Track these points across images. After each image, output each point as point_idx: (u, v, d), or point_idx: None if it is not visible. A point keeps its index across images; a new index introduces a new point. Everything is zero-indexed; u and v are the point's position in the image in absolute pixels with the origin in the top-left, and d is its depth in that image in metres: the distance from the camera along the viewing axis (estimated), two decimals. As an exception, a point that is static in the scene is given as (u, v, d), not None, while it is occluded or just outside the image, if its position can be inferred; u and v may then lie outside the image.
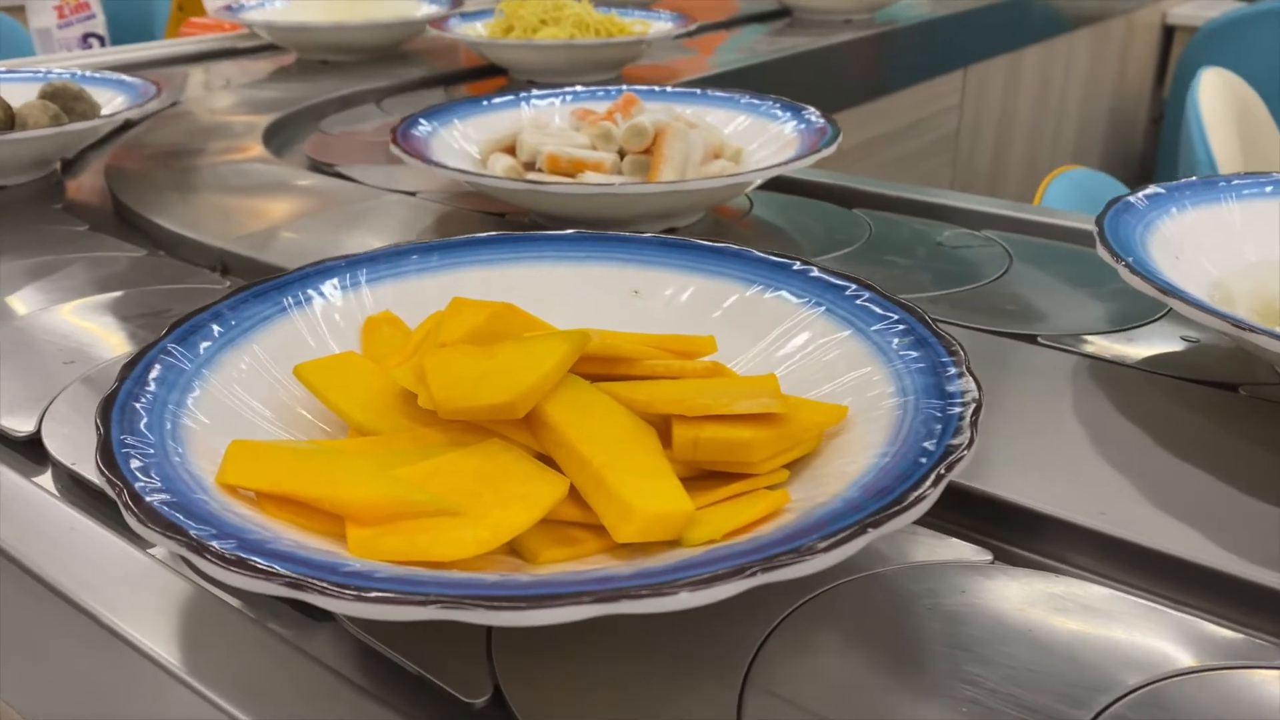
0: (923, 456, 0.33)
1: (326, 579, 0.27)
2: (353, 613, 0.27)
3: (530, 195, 0.64)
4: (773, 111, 0.78)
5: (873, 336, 0.41)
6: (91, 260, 0.65)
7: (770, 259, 0.46)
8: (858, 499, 0.32)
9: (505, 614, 0.27)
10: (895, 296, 0.43)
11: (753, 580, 0.28)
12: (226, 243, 0.66)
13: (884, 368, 0.40)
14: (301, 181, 0.80)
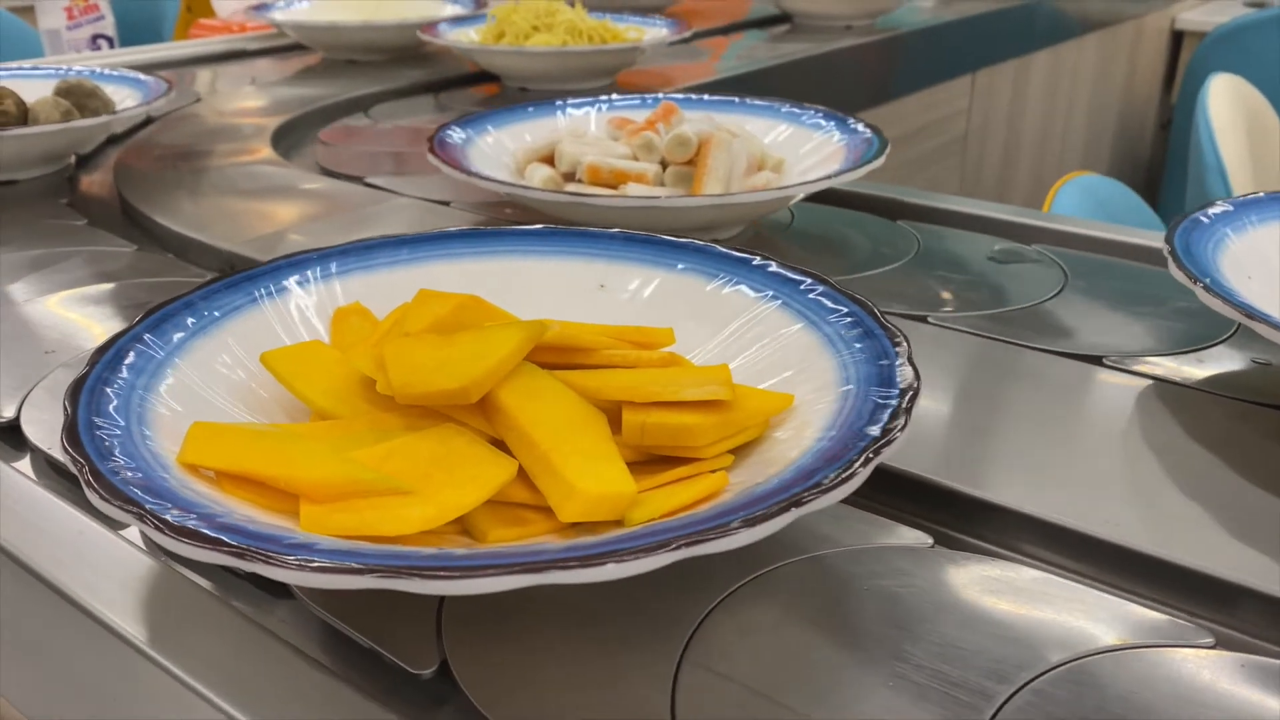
0: (857, 440, 0.34)
1: (271, 549, 0.29)
2: (294, 581, 0.29)
3: (573, 208, 0.63)
4: (815, 121, 0.76)
5: (824, 328, 0.42)
6: (83, 254, 0.66)
7: (732, 254, 0.48)
8: (790, 480, 0.33)
9: (439, 583, 0.28)
10: (847, 290, 0.44)
11: (675, 554, 0.29)
12: (235, 245, 0.67)
13: (832, 358, 0.41)
14: (309, 185, 0.81)
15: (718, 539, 0.29)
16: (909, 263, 0.66)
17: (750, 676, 0.33)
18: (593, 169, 0.69)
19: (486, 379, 0.37)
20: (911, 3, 1.72)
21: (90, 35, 1.68)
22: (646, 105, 0.79)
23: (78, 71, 0.96)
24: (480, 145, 0.73)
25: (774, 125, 0.78)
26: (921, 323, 0.56)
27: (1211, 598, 0.37)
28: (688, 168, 0.69)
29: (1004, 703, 0.32)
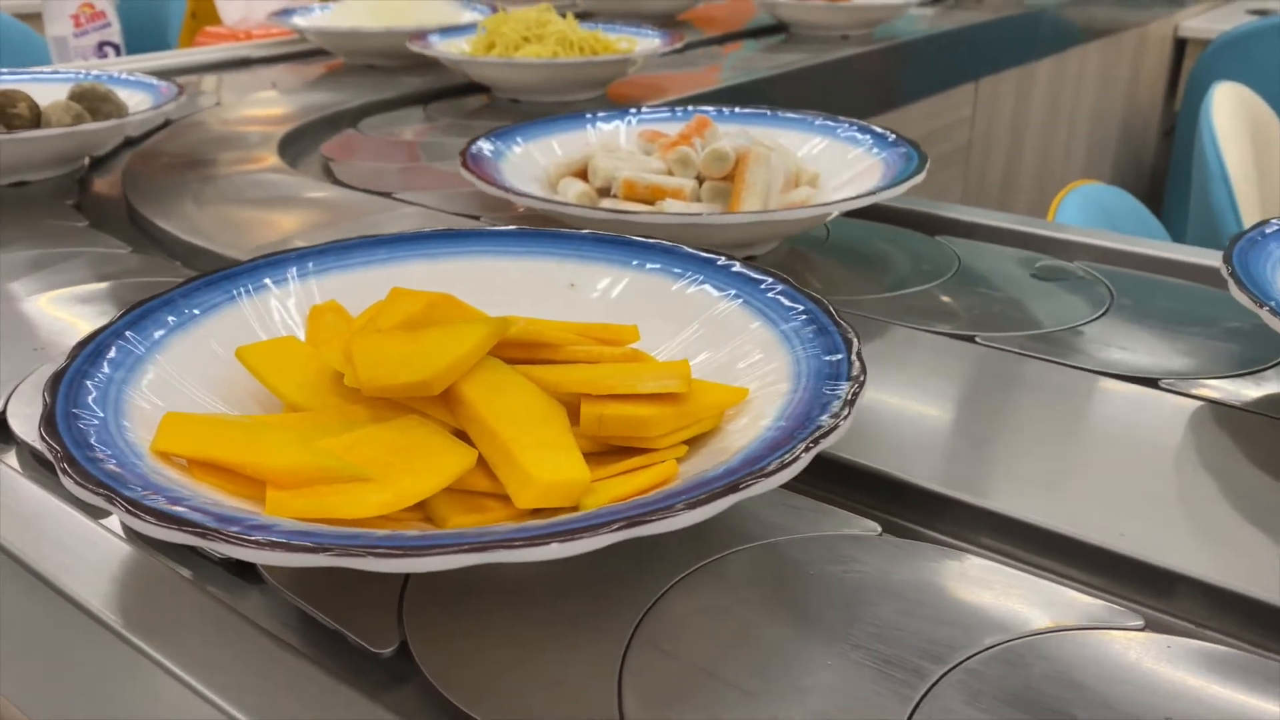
0: (801, 430, 0.36)
1: (232, 530, 0.30)
2: (253, 559, 0.30)
3: (612, 224, 0.60)
4: (851, 134, 0.75)
5: (781, 326, 0.44)
6: (79, 255, 0.68)
7: (697, 255, 0.49)
8: (734, 467, 0.34)
9: (390, 561, 0.29)
10: (804, 289, 0.46)
11: (616, 535, 0.30)
12: (238, 252, 0.68)
13: (787, 354, 0.42)
14: (315, 193, 0.83)
15: (657, 520, 0.31)
16: (951, 280, 0.65)
17: (695, 654, 0.34)
18: (628, 184, 0.68)
19: (449, 372, 0.38)
20: (908, 13, 1.72)
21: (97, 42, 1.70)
22: (677, 118, 0.79)
23: (95, 76, 0.98)
24: (511, 159, 0.73)
25: (808, 138, 0.77)
26: (969, 342, 0.56)
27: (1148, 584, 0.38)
28: (724, 183, 0.68)
29: (936, 680, 0.33)
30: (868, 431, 0.46)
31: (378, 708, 0.33)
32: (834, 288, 0.64)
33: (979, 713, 0.32)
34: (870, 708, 0.32)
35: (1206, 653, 0.34)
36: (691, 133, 0.72)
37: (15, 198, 0.83)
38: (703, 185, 0.69)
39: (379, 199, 0.81)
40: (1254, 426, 0.47)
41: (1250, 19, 2.76)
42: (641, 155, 0.73)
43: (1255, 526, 0.40)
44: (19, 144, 0.81)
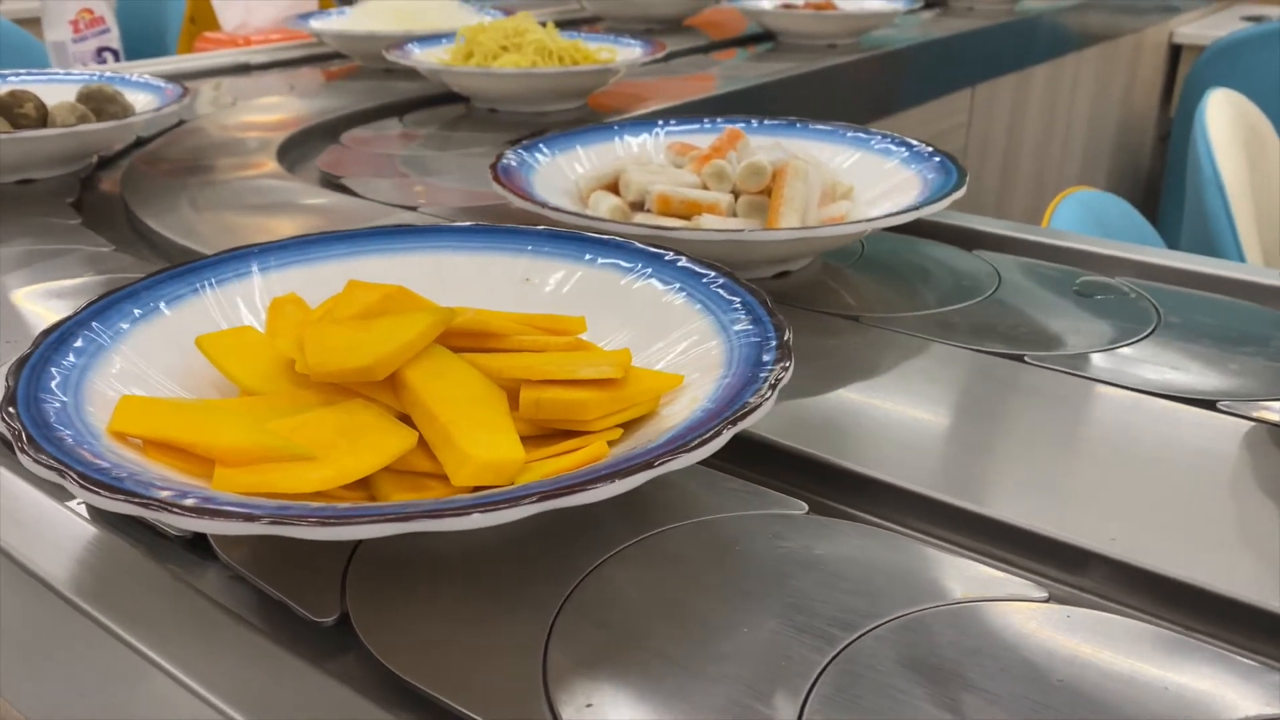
0: (723, 411, 0.38)
1: (176, 502, 0.32)
2: (193, 527, 0.32)
3: (652, 240, 0.57)
4: (884, 146, 0.73)
5: (720, 316, 0.46)
6: (64, 252, 0.70)
7: (646, 250, 0.51)
8: (657, 446, 0.36)
9: (321, 529, 0.31)
10: (744, 282, 0.47)
11: (535, 506, 0.32)
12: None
13: (723, 343, 0.44)
14: (311, 199, 0.84)
15: (574, 493, 0.33)
16: (992, 297, 0.64)
17: (620, 622, 0.36)
18: (662, 198, 0.66)
19: (393, 358, 0.40)
20: (897, 21, 1.73)
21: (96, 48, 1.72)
22: (705, 129, 0.78)
23: (107, 78, 1.01)
24: (540, 171, 0.71)
25: (839, 150, 0.75)
26: (1019, 362, 0.55)
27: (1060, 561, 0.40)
28: (761, 197, 0.66)
29: (845, 646, 0.35)
30: (926, 458, 0.46)
31: (320, 674, 0.35)
32: (873, 304, 0.63)
33: (882, 676, 0.34)
34: (780, 670, 0.34)
35: (1105, 622, 0.36)
36: (724, 145, 0.71)
37: (17, 195, 0.86)
38: (738, 200, 0.67)
39: (377, 206, 0.83)
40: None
41: (1245, 26, 2.78)
42: (675, 169, 0.71)
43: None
44: (21, 143, 0.83)
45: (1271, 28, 2.68)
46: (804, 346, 0.56)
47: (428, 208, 0.82)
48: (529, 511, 0.33)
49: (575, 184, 0.72)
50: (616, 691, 0.33)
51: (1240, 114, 1.94)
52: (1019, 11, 1.99)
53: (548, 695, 0.33)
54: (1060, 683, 0.33)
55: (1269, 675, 0.34)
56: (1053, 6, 2.13)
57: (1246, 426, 0.48)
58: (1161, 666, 0.34)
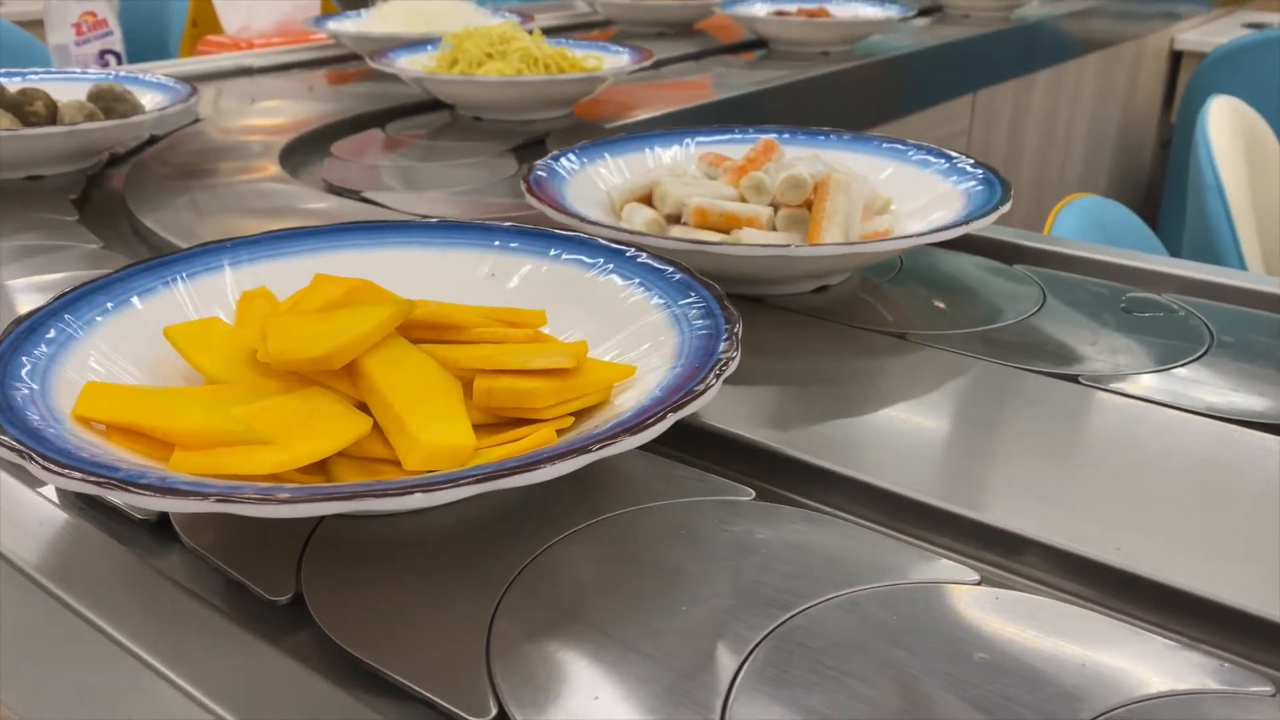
0: (667, 400, 0.39)
1: (130, 481, 0.34)
2: (147, 505, 0.33)
3: (694, 256, 0.58)
4: (922, 158, 0.72)
5: (675, 310, 0.47)
6: (51, 247, 0.72)
7: (608, 246, 0.52)
8: (601, 433, 0.38)
9: (267, 506, 0.33)
10: (702, 278, 0.49)
11: (475, 487, 0.34)
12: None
13: (677, 335, 0.45)
14: (312, 203, 0.84)
15: (512, 476, 0.34)
16: (1039, 314, 0.62)
17: (563, 600, 0.37)
18: (700, 211, 0.65)
19: (351, 348, 0.41)
20: (893, 28, 1.74)
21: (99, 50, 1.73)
22: (736, 139, 0.77)
23: (120, 77, 1.03)
24: (572, 183, 0.69)
25: (872, 161, 0.73)
26: (1073, 383, 0.54)
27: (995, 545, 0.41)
28: (801, 210, 0.64)
29: (779, 624, 0.36)
30: (991, 487, 0.45)
31: (273, 650, 0.36)
32: (917, 321, 0.61)
33: (811, 652, 0.35)
34: (715, 646, 0.35)
35: (1032, 604, 0.37)
36: (759, 157, 0.69)
37: (24, 190, 0.87)
38: (777, 213, 0.65)
39: (380, 211, 0.84)
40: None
41: (1246, 33, 2.78)
42: (711, 181, 0.70)
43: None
44: (25, 140, 0.85)
45: (1273, 35, 2.69)
46: (849, 366, 0.55)
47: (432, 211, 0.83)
48: (469, 492, 0.34)
49: (607, 195, 0.70)
50: (554, 664, 0.35)
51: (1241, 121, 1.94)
52: (1016, 19, 1.99)
53: (489, 667, 0.35)
54: (981, 659, 0.35)
55: (1184, 653, 0.35)
56: (1051, 13, 2.13)
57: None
58: (1083, 645, 0.35)
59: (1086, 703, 0.33)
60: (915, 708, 0.33)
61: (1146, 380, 0.54)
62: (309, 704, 0.34)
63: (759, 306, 0.63)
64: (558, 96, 1.11)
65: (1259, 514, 0.42)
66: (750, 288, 0.64)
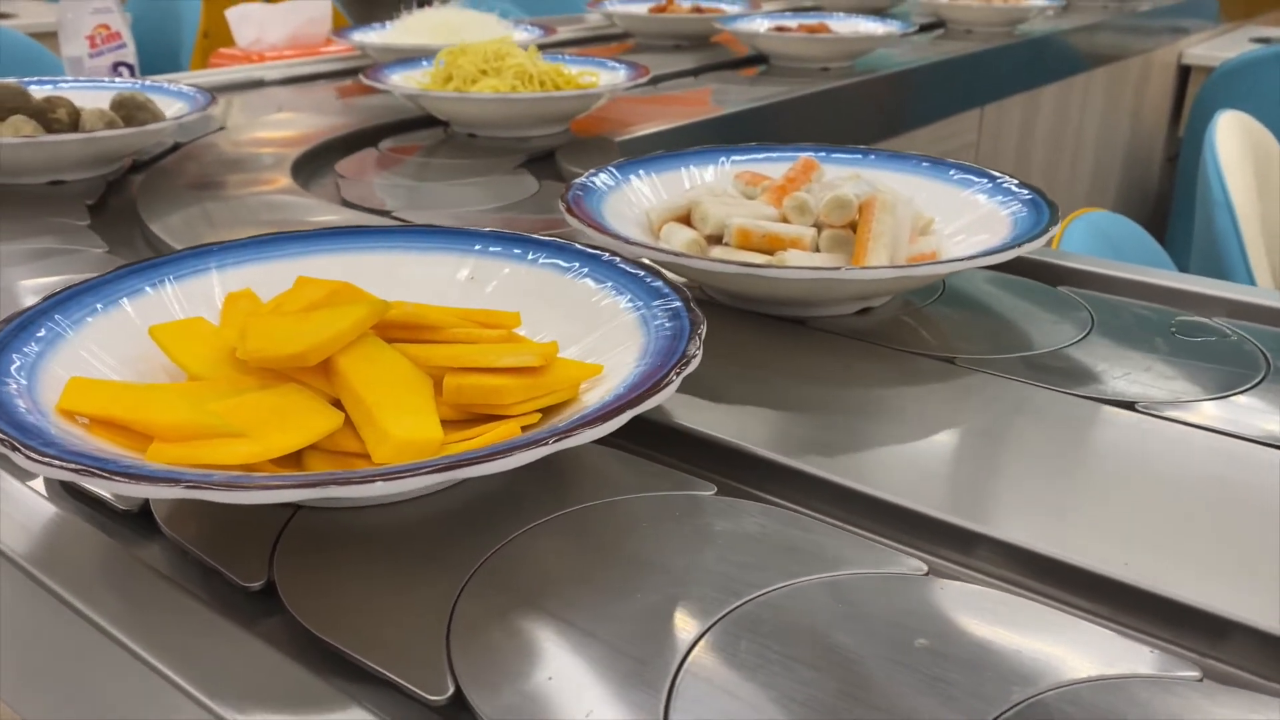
0: (627, 396, 0.40)
1: (105, 468, 0.35)
2: (121, 492, 0.35)
3: (744, 279, 0.58)
4: (963, 178, 0.70)
5: (644, 312, 0.49)
6: (57, 251, 0.74)
7: (584, 251, 0.54)
8: (562, 427, 0.39)
9: (234, 493, 0.34)
10: (674, 282, 0.50)
11: (432, 477, 0.35)
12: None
13: (643, 336, 0.47)
14: (325, 216, 0.85)
15: (470, 466, 0.36)
16: (1089, 338, 0.61)
17: (523, 587, 0.39)
18: (742, 232, 0.63)
19: (325, 346, 0.43)
20: (894, 44, 1.74)
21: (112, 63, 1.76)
22: (773, 157, 0.76)
23: (143, 86, 1.07)
24: (609, 202, 0.68)
25: (911, 180, 0.71)
26: (1129, 410, 0.52)
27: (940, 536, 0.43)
28: (845, 231, 0.63)
29: (729, 611, 0.38)
30: (1063, 522, 0.43)
31: (246, 634, 0.38)
32: (964, 345, 0.60)
33: (758, 638, 0.36)
34: (665, 631, 0.37)
35: (977, 594, 0.39)
36: (799, 176, 0.68)
37: (44, 195, 0.90)
38: (821, 233, 0.64)
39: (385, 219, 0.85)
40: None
41: (1253, 47, 2.79)
42: (750, 200, 0.68)
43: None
44: (43, 147, 0.88)
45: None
46: (898, 392, 0.54)
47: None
48: (427, 482, 0.35)
49: (645, 215, 0.69)
50: (511, 646, 0.36)
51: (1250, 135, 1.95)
52: (1020, 34, 2.00)
53: (448, 649, 0.36)
54: (921, 645, 0.36)
55: (1117, 640, 0.36)
56: (1058, 28, 2.14)
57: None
58: (1021, 633, 0.37)
59: (1019, 686, 0.34)
60: (853, 689, 0.34)
61: (1207, 408, 0.53)
62: (277, 684, 0.36)
63: (801, 329, 0.62)
64: (553, 113, 1.10)
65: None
66: (793, 310, 0.63)
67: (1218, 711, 0.34)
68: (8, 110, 0.91)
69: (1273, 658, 0.37)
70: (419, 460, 0.40)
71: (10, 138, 0.86)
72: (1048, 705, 0.34)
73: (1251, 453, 0.48)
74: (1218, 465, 0.47)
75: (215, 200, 0.88)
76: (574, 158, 1.03)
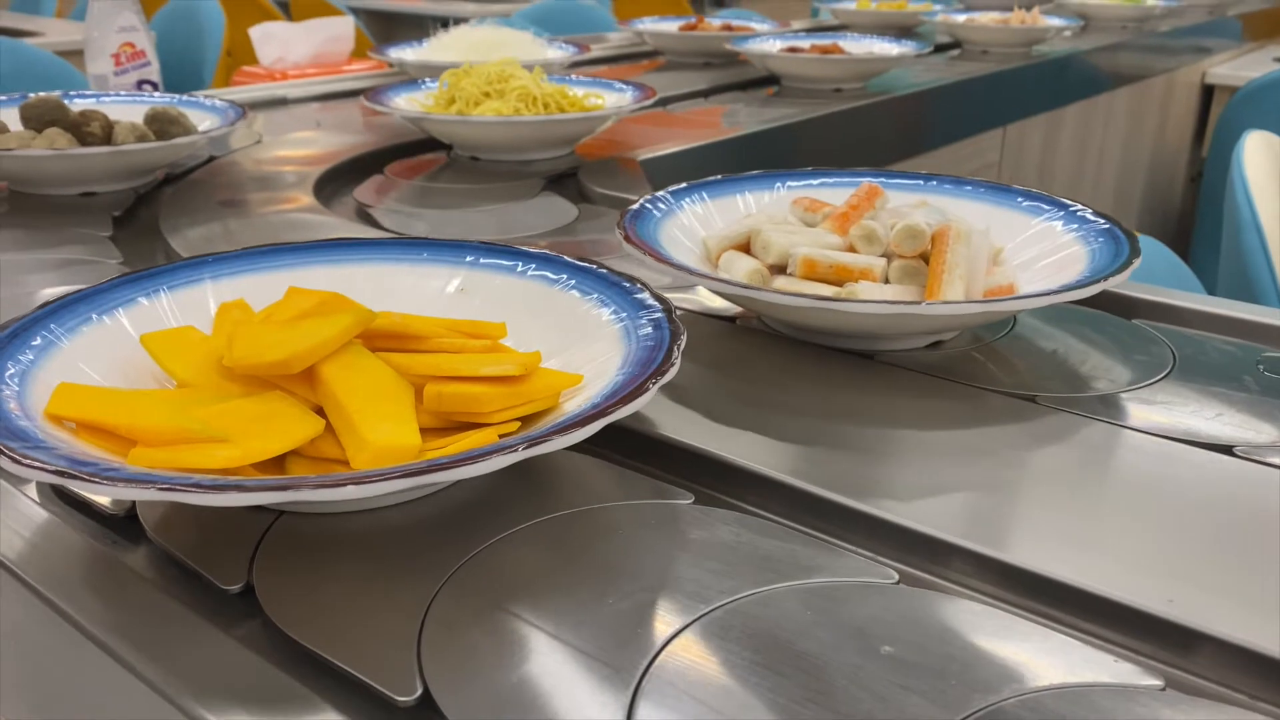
0: (600, 404, 0.41)
1: (84, 470, 0.36)
2: (99, 493, 0.36)
3: (822, 314, 0.56)
4: (1033, 205, 0.68)
5: (628, 323, 0.49)
6: (73, 261, 0.76)
7: (572, 263, 0.55)
8: (535, 434, 0.40)
9: (206, 495, 0.35)
10: (660, 294, 0.51)
11: (402, 481, 0.36)
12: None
13: (625, 346, 0.48)
14: (342, 232, 0.84)
15: (440, 471, 0.36)
16: (1173, 375, 0.58)
17: (496, 591, 0.39)
18: (808, 262, 0.60)
19: (308, 354, 0.44)
20: (909, 65, 1.74)
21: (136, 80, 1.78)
22: (829, 183, 0.73)
23: (179, 100, 1.10)
24: (666, 229, 0.66)
25: (976, 207, 0.69)
26: (1226, 454, 0.50)
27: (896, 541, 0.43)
28: (915, 261, 0.60)
29: (698, 617, 0.38)
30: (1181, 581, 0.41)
31: (225, 636, 0.39)
32: (1042, 383, 0.57)
33: (725, 643, 0.37)
34: (634, 636, 0.37)
35: (947, 603, 0.39)
36: (862, 203, 0.65)
37: (73, 205, 0.92)
38: (891, 264, 0.61)
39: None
40: None
41: (1277, 67, 2.78)
42: (812, 229, 0.65)
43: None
44: (71, 159, 0.90)
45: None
46: (980, 433, 0.52)
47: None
48: (397, 486, 0.36)
49: (702, 242, 0.67)
50: (480, 650, 0.37)
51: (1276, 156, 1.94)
52: (1036, 54, 2.00)
53: (419, 652, 0.37)
54: (886, 652, 0.36)
55: (1080, 650, 0.37)
56: (1078, 48, 2.14)
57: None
58: (988, 641, 0.37)
59: (981, 693, 0.34)
60: (816, 695, 0.34)
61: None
62: (251, 684, 0.36)
63: (869, 363, 0.59)
64: (556, 136, 1.08)
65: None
66: (862, 343, 0.60)
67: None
68: (46, 123, 0.94)
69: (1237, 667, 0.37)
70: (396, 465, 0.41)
71: (37, 150, 0.88)
72: (1007, 712, 0.34)
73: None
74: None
75: (237, 217, 0.89)
76: (597, 176, 1.02)
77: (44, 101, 0.96)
